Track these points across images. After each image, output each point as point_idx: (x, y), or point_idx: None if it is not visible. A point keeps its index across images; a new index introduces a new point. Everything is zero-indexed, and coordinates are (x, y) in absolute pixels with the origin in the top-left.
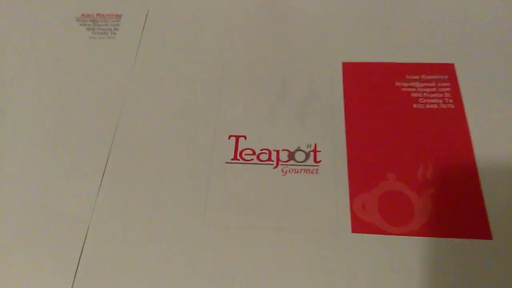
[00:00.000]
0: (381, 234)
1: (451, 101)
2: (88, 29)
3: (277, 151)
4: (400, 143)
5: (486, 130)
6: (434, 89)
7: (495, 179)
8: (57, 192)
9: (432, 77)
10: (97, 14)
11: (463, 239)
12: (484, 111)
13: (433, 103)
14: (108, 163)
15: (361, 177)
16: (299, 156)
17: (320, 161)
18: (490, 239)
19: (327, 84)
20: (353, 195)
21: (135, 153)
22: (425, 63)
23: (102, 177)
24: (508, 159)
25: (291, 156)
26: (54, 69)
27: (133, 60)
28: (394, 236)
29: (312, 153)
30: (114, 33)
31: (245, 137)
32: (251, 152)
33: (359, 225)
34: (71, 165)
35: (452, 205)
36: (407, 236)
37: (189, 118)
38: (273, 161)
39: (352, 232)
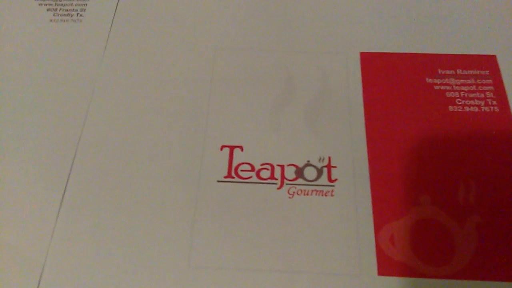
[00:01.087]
0: (416, 277)
1: (494, 102)
2: (49, 10)
3: (282, 167)
4: (435, 156)
5: None
6: (473, 87)
7: None
8: (2, 218)
9: (471, 72)
10: None
11: None
12: None
13: (473, 105)
14: (70, 179)
15: (388, 201)
16: (310, 173)
17: (336, 179)
18: None
19: (342, 80)
20: (378, 225)
21: (102, 168)
22: (461, 55)
23: (63, 197)
24: None
25: (299, 173)
26: (7, 57)
27: (103, 49)
28: (431, 279)
29: (325, 169)
30: (81, 15)
31: (241, 148)
32: (249, 168)
33: (387, 266)
34: (21, 178)
35: (503, 238)
36: (447, 280)
37: (170, 123)
38: (276, 179)
39: (379, 275)
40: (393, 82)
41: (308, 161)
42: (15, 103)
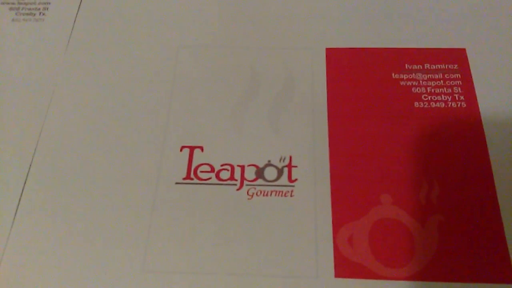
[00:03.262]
0: (373, 279)
1: (462, 98)
2: (11, 9)
3: (242, 167)
4: (398, 155)
5: (506, 136)
6: (441, 83)
7: None
8: None
9: (439, 66)
10: None
11: (480, 284)
12: (504, 112)
13: (439, 101)
14: (27, 180)
15: (348, 200)
16: (270, 173)
17: (296, 179)
18: None
19: (307, 77)
20: (337, 225)
21: (60, 169)
22: (429, 48)
23: (19, 200)
24: None
25: (260, 173)
26: None
27: (65, 48)
28: (389, 281)
29: (286, 169)
30: (43, 14)
31: (201, 148)
32: (209, 169)
33: (345, 267)
34: None
35: (465, 238)
36: (406, 281)
37: (130, 123)
38: (236, 180)
39: (336, 277)
40: (358, 78)
41: (269, 161)
42: None
